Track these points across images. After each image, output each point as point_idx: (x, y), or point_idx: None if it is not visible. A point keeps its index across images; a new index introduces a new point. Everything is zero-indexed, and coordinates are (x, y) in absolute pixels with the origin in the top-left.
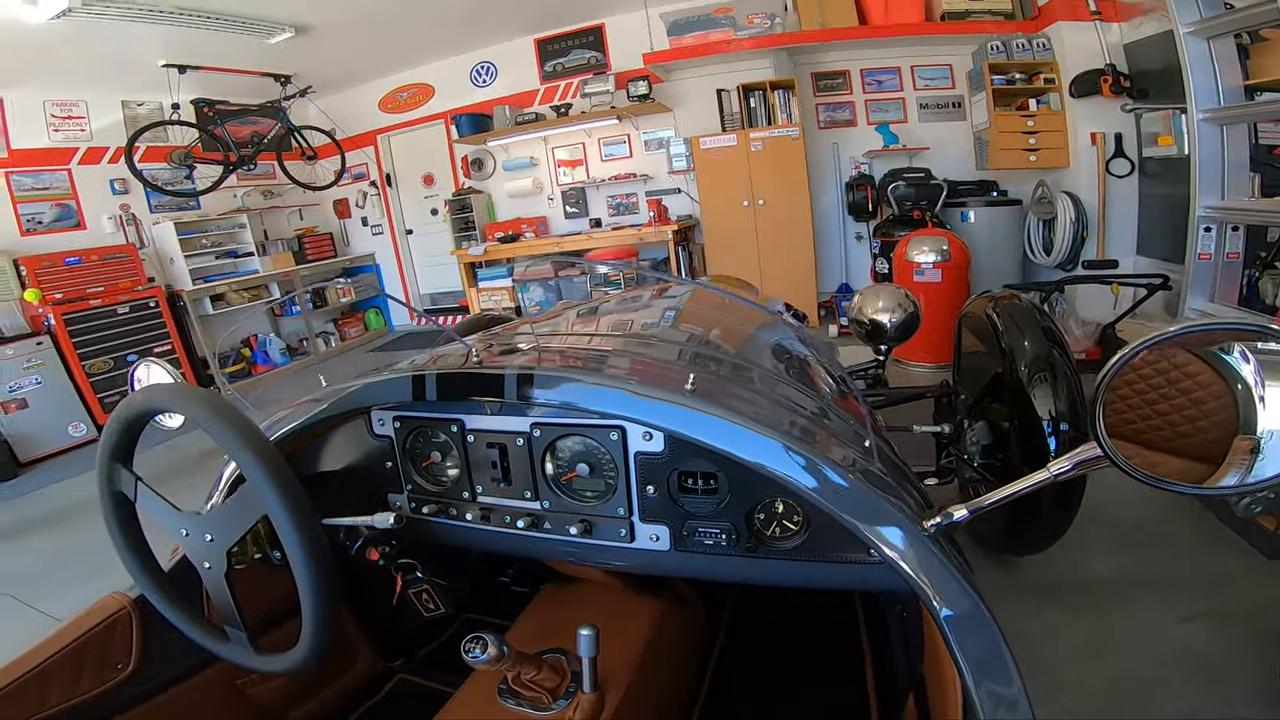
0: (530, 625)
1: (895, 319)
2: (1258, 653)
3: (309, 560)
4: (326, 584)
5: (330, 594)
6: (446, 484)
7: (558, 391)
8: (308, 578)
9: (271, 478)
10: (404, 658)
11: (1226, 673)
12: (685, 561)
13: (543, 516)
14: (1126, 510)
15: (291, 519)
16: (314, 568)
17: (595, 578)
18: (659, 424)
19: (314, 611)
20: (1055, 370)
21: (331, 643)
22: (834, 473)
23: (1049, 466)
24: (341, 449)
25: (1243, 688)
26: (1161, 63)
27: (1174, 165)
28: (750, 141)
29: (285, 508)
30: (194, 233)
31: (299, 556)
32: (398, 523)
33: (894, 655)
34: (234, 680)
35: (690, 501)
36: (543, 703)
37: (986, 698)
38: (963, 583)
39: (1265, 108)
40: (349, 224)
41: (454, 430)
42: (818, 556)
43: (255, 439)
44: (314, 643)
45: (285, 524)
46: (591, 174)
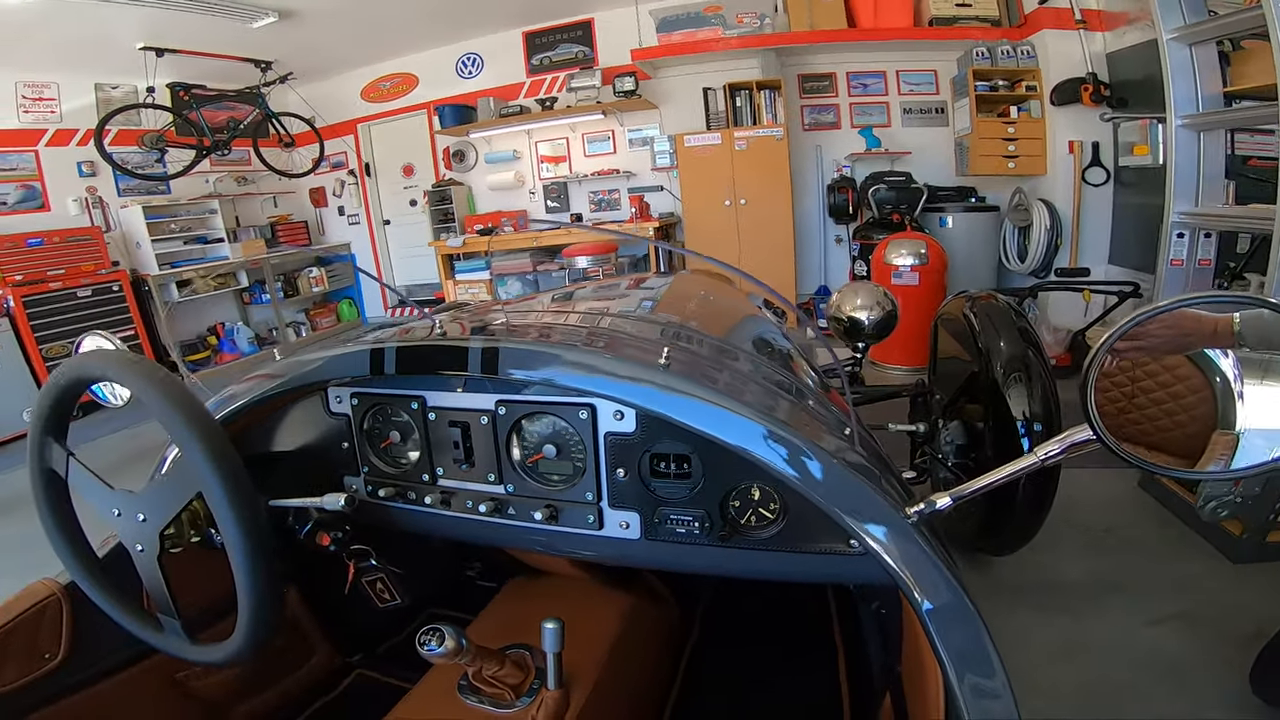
0: (494, 619)
1: (874, 316)
2: (1225, 656)
3: (246, 540)
4: (265, 568)
5: (269, 579)
6: (406, 466)
7: (526, 365)
8: (244, 560)
9: (206, 449)
10: (363, 653)
11: (1196, 676)
12: (656, 551)
13: (506, 501)
14: (1096, 514)
15: (227, 495)
16: (251, 549)
17: (564, 571)
18: (631, 400)
19: (251, 597)
20: (1030, 371)
21: (272, 633)
22: (816, 457)
23: (1035, 451)
24: (295, 428)
25: (1213, 691)
26: (1142, 72)
27: (1148, 175)
28: (735, 141)
29: (220, 482)
30: (163, 217)
31: (234, 536)
32: (350, 505)
33: (869, 653)
34: (174, 673)
35: (662, 486)
36: (505, 700)
37: (969, 693)
38: (946, 574)
39: (1242, 114)
40: (325, 213)
41: (414, 408)
42: (795, 547)
43: (190, 407)
44: (251, 632)
45: (220, 500)
46: (574, 169)
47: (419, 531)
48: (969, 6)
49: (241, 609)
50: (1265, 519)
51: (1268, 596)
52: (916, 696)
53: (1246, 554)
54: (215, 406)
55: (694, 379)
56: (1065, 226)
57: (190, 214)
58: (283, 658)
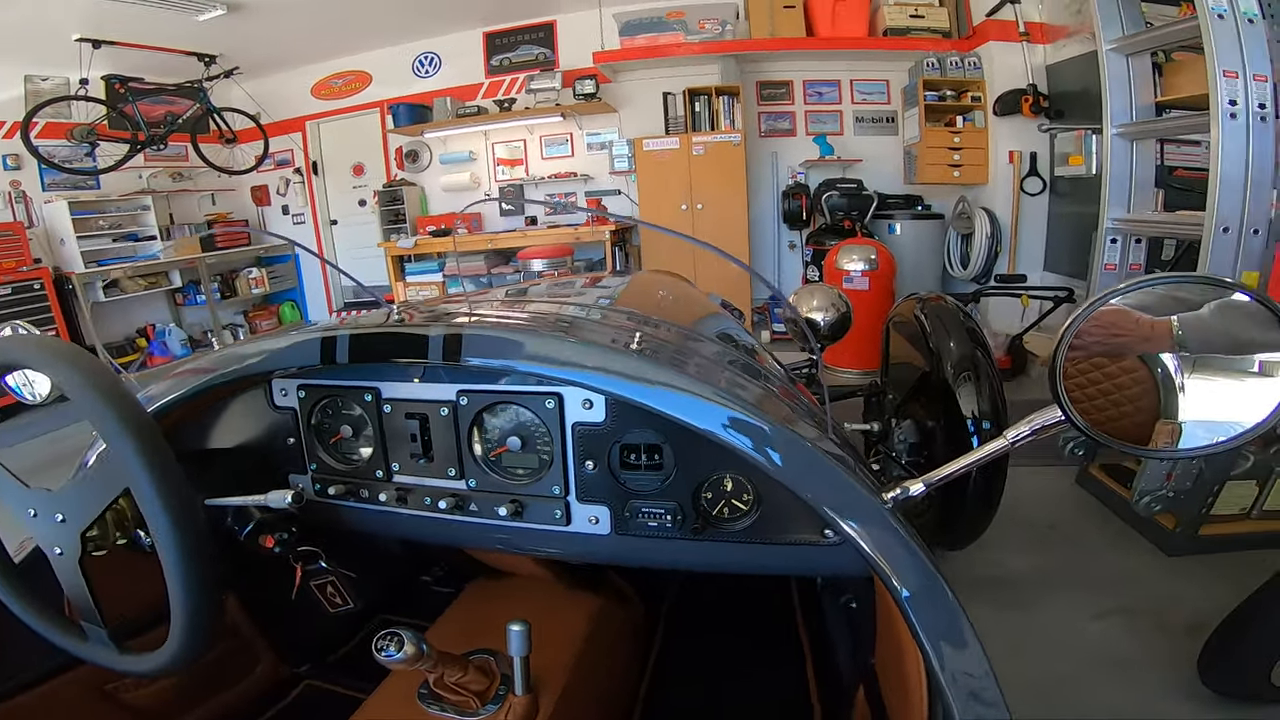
0: (455, 623)
1: (829, 318)
2: (1168, 648)
3: (179, 541)
4: (200, 571)
5: (205, 584)
6: (358, 463)
7: (489, 352)
8: (177, 562)
9: (135, 440)
10: (311, 663)
11: (1142, 668)
12: (627, 547)
13: (468, 497)
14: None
15: (158, 491)
16: (184, 551)
17: (527, 572)
18: (601, 386)
19: (185, 603)
20: (979, 371)
21: (209, 643)
22: (792, 443)
23: (1006, 434)
24: (236, 423)
25: (1160, 683)
26: (1078, 84)
27: (1082, 185)
28: (693, 145)
29: (150, 477)
30: (90, 213)
31: (166, 536)
32: (296, 502)
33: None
34: (103, 684)
35: (633, 479)
36: (469, 707)
37: (953, 679)
38: (923, 559)
39: (1175, 123)
40: (268, 211)
41: (368, 400)
42: (769, 538)
43: (117, 394)
44: (185, 641)
45: (150, 496)
46: (531, 171)
47: (373, 532)
48: (921, 18)
49: (174, 616)
50: (1197, 512)
51: (1202, 588)
52: (895, 686)
53: (1180, 547)
54: (148, 400)
55: (666, 364)
56: (1005, 234)
57: (120, 210)
58: (222, 668)
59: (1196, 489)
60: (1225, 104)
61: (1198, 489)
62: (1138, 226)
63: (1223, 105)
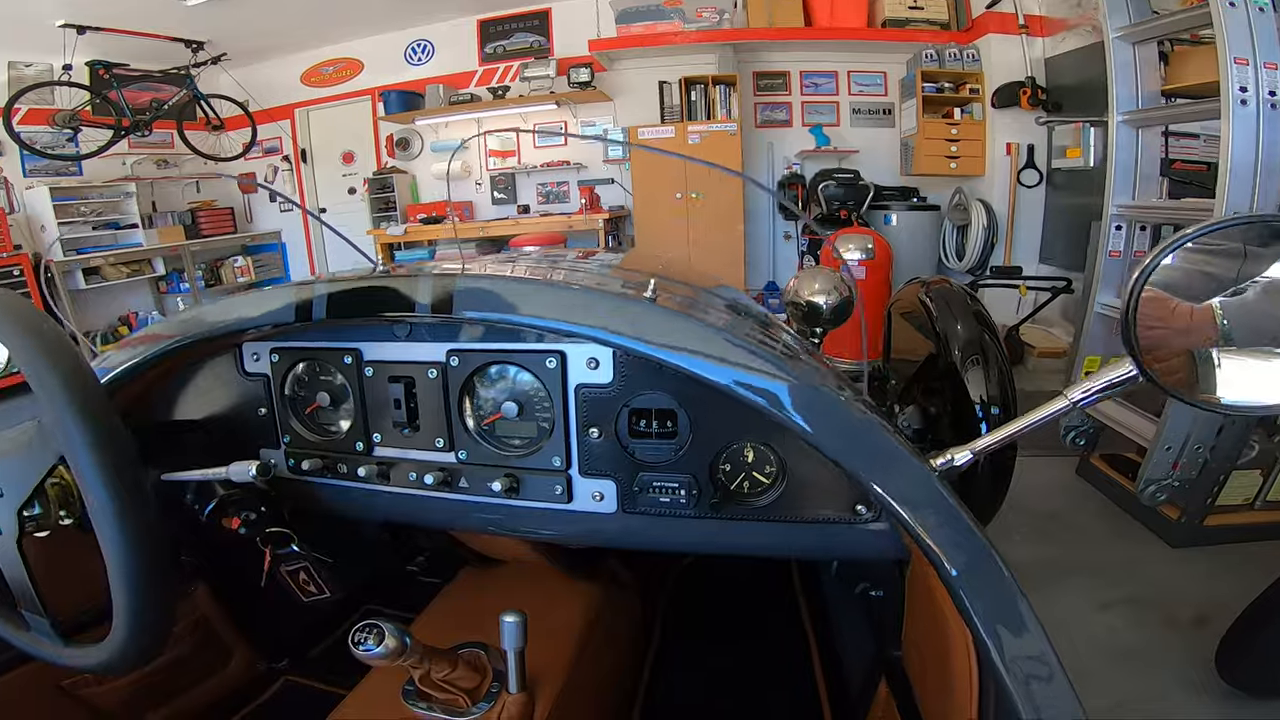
0: (443, 614)
1: (831, 301)
2: (1176, 640)
3: (118, 518)
4: (146, 553)
5: (151, 568)
6: (335, 435)
7: (486, 303)
8: (116, 543)
9: (70, 398)
10: (292, 658)
11: (1152, 659)
12: (635, 527)
13: (458, 471)
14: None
15: (95, 458)
16: (126, 530)
17: (521, 559)
18: (611, 340)
19: (127, 588)
20: (987, 355)
21: (162, 636)
22: (827, 402)
23: (1066, 393)
24: (204, 394)
25: (1170, 674)
26: (1077, 77)
27: (1079, 177)
28: (688, 134)
29: (86, 442)
30: (71, 199)
31: (103, 512)
32: (261, 475)
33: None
34: (57, 680)
35: (643, 448)
36: (459, 706)
37: (1012, 664)
38: (977, 533)
39: (1182, 110)
40: (254, 199)
41: (347, 362)
42: (794, 516)
43: (56, 346)
44: (130, 633)
45: (85, 464)
46: (523, 160)
47: (350, 513)
48: (920, 9)
49: (116, 606)
50: (1203, 503)
51: (1207, 581)
52: (934, 676)
53: (1184, 538)
54: (104, 370)
55: (683, 314)
56: (1001, 226)
57: (102, 197)
58: (192, 664)
59: (1202, 478)
60: (1236, 91)
61: (1204, 478)
62: (1143, 213)
63: (1233, 93)
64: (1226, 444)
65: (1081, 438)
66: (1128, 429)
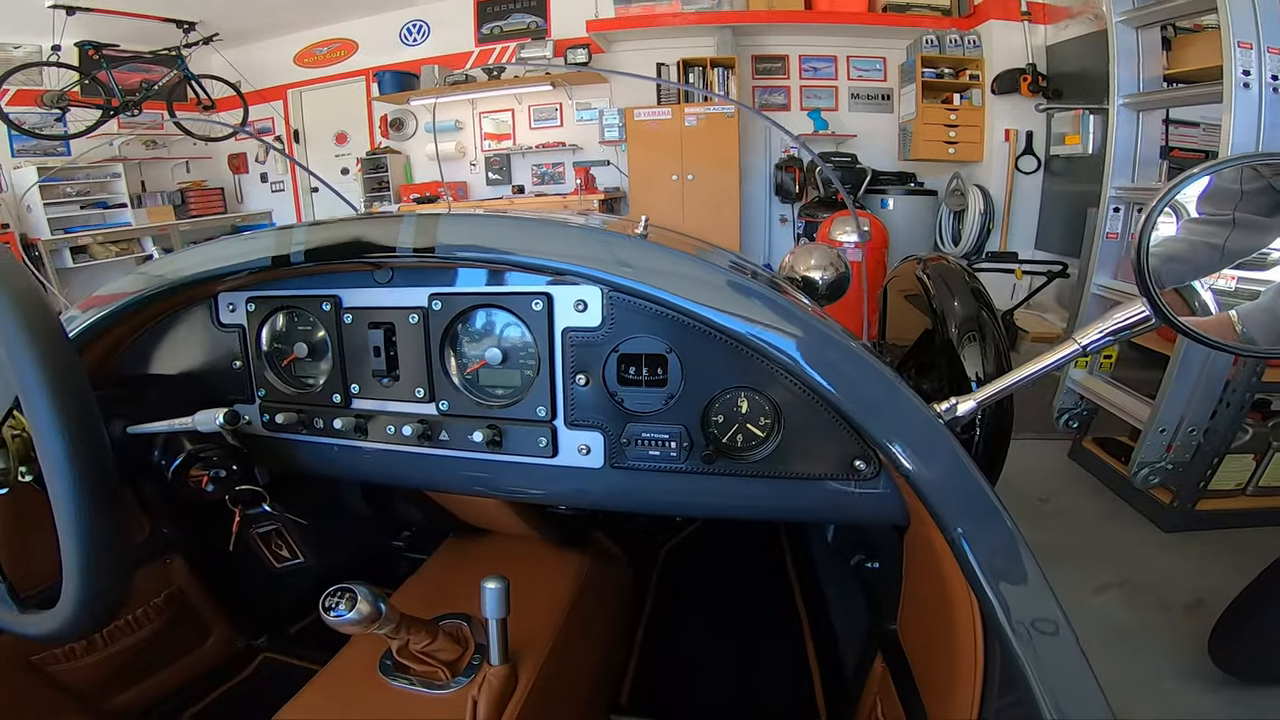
0: (424, 584)
1: (827, 277)
2: (1169, 624)
3: (70, 463)
4: (98, 505)
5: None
6: (313, 388)
7: (471, 240)
8: (67, 492)
9: (27, 333)
10: (271, 634)
11: (1145, 644)
12: (623, 484)
13: (438, 424)
14: (1032, 483)
15: (49, 397)
16: (77, 478)
17: (507, 529)
18: (602, 276)
19: (77, 545)
20: (984, 332)
21: (116, 600)
22: (830, 345)
23: (1075, 337)
24: (175, 347)
25: (1164, 659)
26: (1078, 65)
27: (1077, 164)
28: (685, 116)
29: (41, 378)
30: (58, 180)
31: (55, 459)
32: (229, 424)
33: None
34: (27, 655)
35: (632, 396)
36: (438, 679)
37: (1020, 627)
38: (986, 489)
39: (1184, 93)
40: (245, 179)
41: (326, 309)
42: (790, 472)
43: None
44: (82, 598)
45: (38, 401)
46: (518, 141)
47: (327, 471)
48: None
49: (66, 566)
50: (1195, 487)
51: (1199, 566)
52: (936, 646)
53: (1176, 523)
54: (72, 320)
55: (679, 252)
56: (997, 211)
57: (90, 177)
58: (168, 640)
59: (1195, 462)
60: (1239, 75)
61: (1197, 462)
62: (1142, 195)
63: (1236, 76)
64: (1220, 427)
65: (1075, 420)
66: (1122, 410)
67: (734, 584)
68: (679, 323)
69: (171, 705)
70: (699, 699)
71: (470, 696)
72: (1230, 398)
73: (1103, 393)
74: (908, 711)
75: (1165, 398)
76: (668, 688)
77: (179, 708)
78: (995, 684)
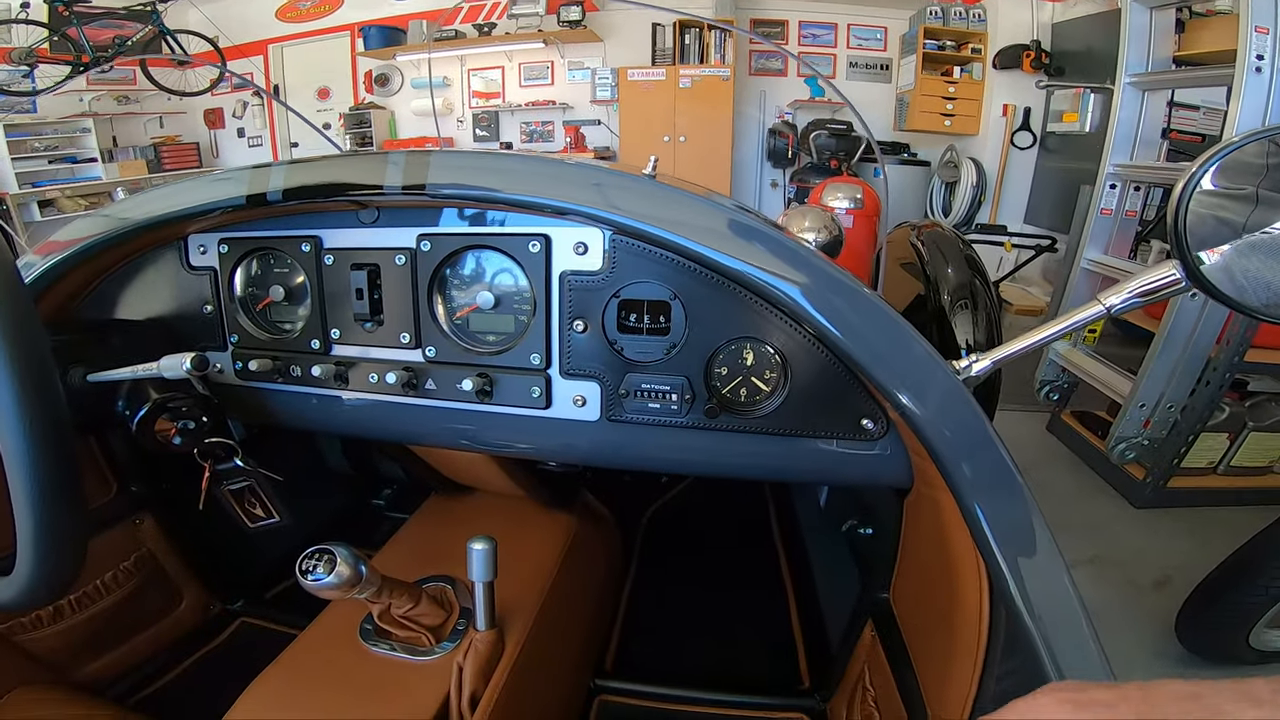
0: (408, 546)
1: (821, 239)
2: (1138, 602)
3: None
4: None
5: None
6: (290, 333)
7: (464, 178)
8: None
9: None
10: (249, 598)
11: (1114, 622)
12: (619, 439)
13: (424, 371)
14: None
15: None
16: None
17: (493, 488)
18: (606, 216)
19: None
20: (976, 299)
21: (75, 564)
22: (856, 296)
23: (1100, 298)
24: (142, 291)
25: (1132, 637)
26: (1083, 44)
27: (1073, 142)
28: (679, 78)
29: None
30: (25, 134)
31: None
32: (197, 369)
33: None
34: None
35: (632, 345)
36: (421, 644)
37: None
38: (1002, 451)
39: (1191, 74)
40: (221, 135)
41: (305, 250)
42: (796, 429)
43: None
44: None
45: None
46: (508, 99)
47: (304, 423)
48: None
49: (20, 530)
50: (1168, 464)
51: (1168, 543)
52: (931, 616)
53: (1147, 499)
54: (30, 266)
55: (693, 192)
56: (989, 185)
57: (58, 133)
58: (139, 604)
59: (1171, 438)
60: (1252, 59)
61: (1172, 438)
62: (1140, 173)
63: (1249, 60)
64: (1198, 404)
65: (1055, 393)
66: (1103, 384)
67: (719, 547)
68: (685, 268)
69: (146, 672)
70: (683, 665)
71: (455, 663)
72: (1210, 376)
73: (1085, 366)
74: (898, 680)
75: (1147, 373)
76: (652, 653)
77: (153, 675)
78: (999, 652)
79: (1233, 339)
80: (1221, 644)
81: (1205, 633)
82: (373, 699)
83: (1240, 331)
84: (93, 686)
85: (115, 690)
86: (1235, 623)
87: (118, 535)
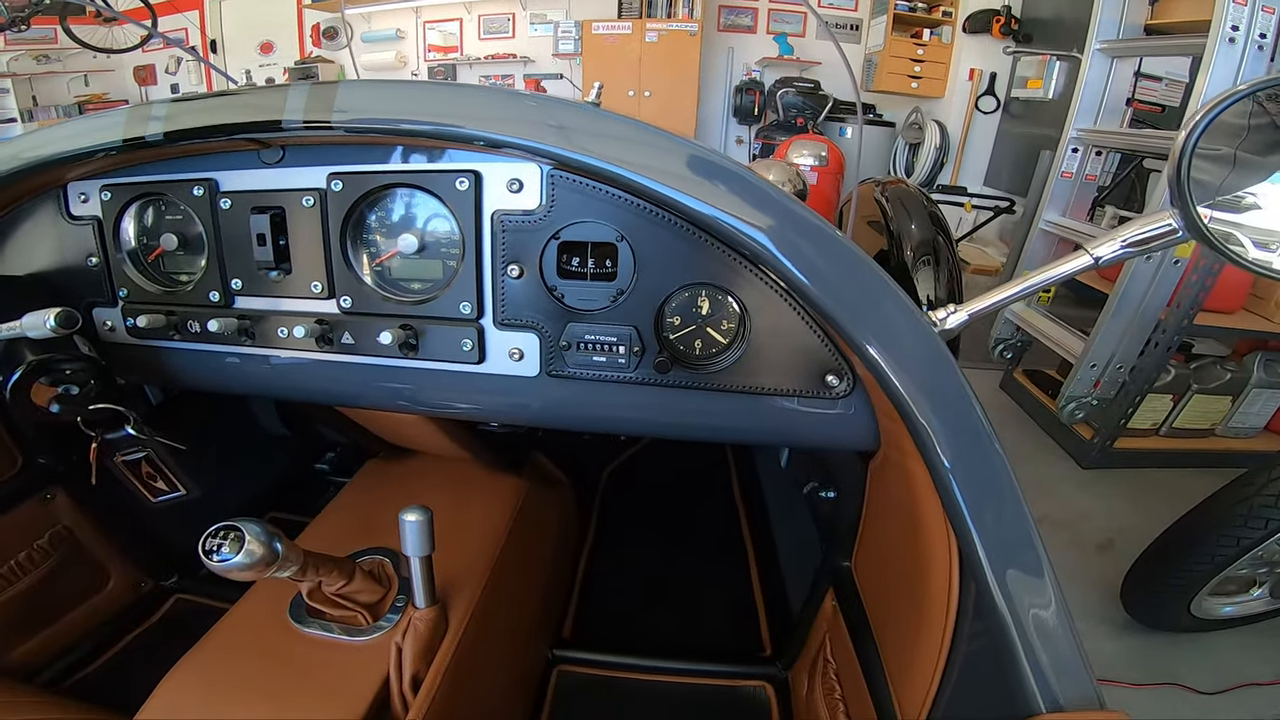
0: (343, 515)
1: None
2: (1081, 564)
3: None
4: None
5: None
6: (185, 285)
7: (375, 107)
8: None
9: None
10: (183, 574)
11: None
12: (562, 396)
13: (340, 323)
14: None
15: None
16: None
17: (438, 451)
18: (542, 148)
19: None
20: (938, 255)
21: None
22: (825, 237)
23: (1089, 248)
24: (17, 245)
25: (1078, 601)
26: (1053, 11)
27: (1035, 107)
28: (646, 32)
29: None
30: None
31: None
32: (64, 326)
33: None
34: None
35: (574, 291)
36: (357, 624)
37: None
38: (977, 410)
39: (1161, 43)
40: (154, 92)
41: (197, 195)
42: (755, 386)
43: None
44: None
45: None
46: (466, 52)
47: (209, 384)
48: None
49: None
50: (1115, 424)
51: (1112, 505)
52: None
53: (1094, 459)
54: None
55: (642, 122)
56: (952, 147)
57: None
58: (61, 585)
59: (1119, 399)
60: (1227, 29)
61: (1120, 399)
62: (1103, 138)
63: (1224, 30)
64: (1147, 365)
65: (1009, 351)
66: (1056, 344)
67: (679, 510)
68: (633, 206)
69: (79, 655)
70: (644, 631)
71: (394, 642)
72: (1159, 338)
73: (1040, 325)
74: (859, 650)
75: (1099, 333)
76: (612, 621)
77: (87, 657)
78: (967, 627)
79: (1183, 302)
80: (1165, 611)
81: (1150, 599)
82: (305, 683)
83: (1193, 295)
84: (22, 672)
85: (47, 674)
86: (1179, 590)
87: (27, 512)
